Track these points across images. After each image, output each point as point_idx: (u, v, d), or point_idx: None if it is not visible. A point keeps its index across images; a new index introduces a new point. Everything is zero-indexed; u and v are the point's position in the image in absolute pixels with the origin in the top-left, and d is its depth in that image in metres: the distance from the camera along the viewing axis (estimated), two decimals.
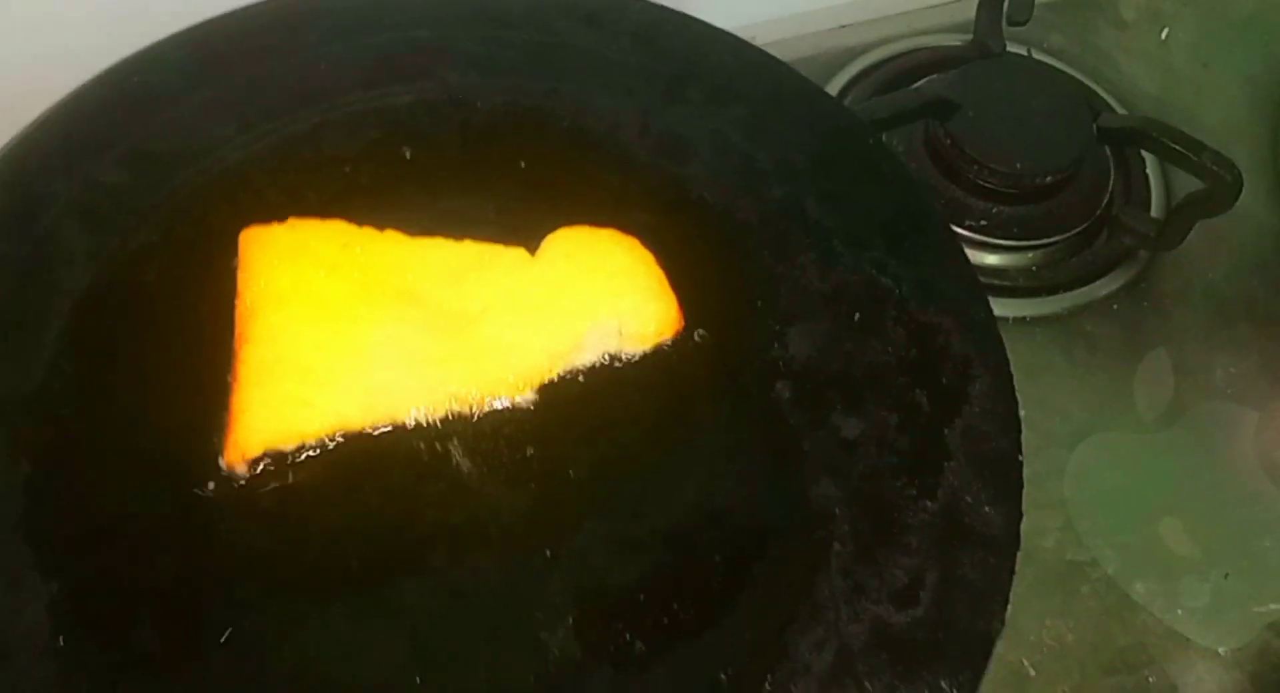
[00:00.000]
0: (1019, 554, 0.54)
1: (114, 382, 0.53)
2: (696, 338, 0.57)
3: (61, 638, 0.46)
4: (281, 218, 0.57)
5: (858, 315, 0.57)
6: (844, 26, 0.84)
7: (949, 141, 0.72)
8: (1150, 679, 0.59)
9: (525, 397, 0.54)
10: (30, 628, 0.46)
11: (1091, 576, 0.62)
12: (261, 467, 0.51)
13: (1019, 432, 0.53)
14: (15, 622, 0.46)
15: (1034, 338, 0.71)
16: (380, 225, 0.58)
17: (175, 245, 0.57)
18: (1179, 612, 0.61)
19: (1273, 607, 0.61)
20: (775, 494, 0.52)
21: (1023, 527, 0.61)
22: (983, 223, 0.73)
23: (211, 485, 0.51)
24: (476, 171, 0.61)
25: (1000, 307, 0.71)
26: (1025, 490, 0.63)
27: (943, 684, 0.47)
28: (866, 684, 0.47)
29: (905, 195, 0.60)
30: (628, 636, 0.49)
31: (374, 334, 0.55)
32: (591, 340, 0.56)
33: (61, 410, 0.52)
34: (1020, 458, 0.52)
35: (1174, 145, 0.69)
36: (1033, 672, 0.59)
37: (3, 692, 0.45)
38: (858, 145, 0.62)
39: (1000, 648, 0.59)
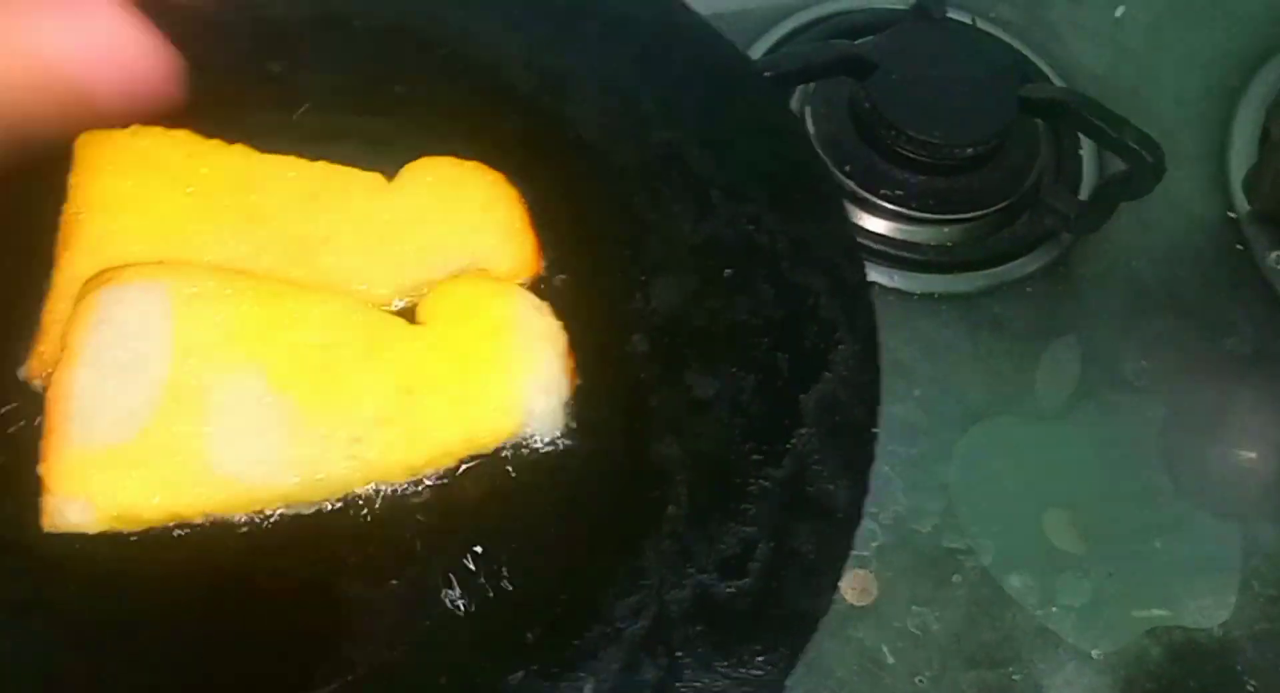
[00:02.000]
0: (891, 527, 0.52)
1: None
2: (556, 282, 0.53)
3: None
4: (124, 124, 0.54)
5: (728, 271, 0.53)
6: None
7: (869, 105, 0.68)
8: (1015, 677, 0.56)
9: None
10: None
11: (966, 565, 0.59)
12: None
13: (877, 403, 0.50)
14: None
15: (939, 316, 0.67)
16: (231, 140, 0.54)
17: (7, 145, 0.53)
18: (1054, 609, 0.58)
19: (1155, 612, 0.58)
20: (615, 449, 0.49)
21: (900, 505, 0.58)
22: (899, 193, 0.69)
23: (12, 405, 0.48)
24: (345, 93, 0.57)
25: (908, 281, 0.68)
26: (907, 472, 0.61)
27: (758, 661, 0.44)
28: (679, 654, 0.44)
29: (792, 150, 0.57)
30: (444, 587, 0.46)
31: (210, 253, 0.51)
32: (440, 276, 0.52)
33: None
34: (875, 431, 0.49)
35: (1095, 120, 0.65)
36: (891, 659, 0.56)
37: None
38: (751, 96, 0.58)
39: (860, 631, 0.57)
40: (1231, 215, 0.72)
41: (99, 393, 0.46)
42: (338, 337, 0.49)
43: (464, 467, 0.48)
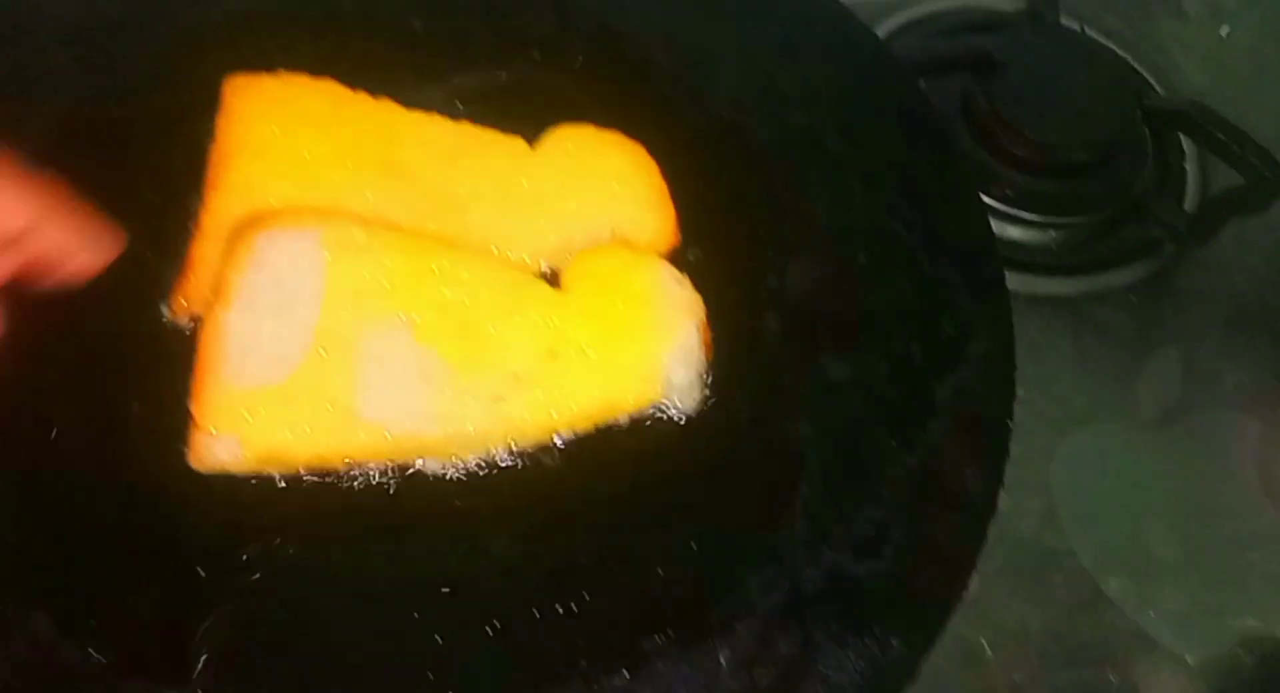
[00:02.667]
0: (992, 524, 0.52)
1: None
2: (690, 257, 0.53)
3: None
4: (273, 70, 0.54)
5: (862, 258, 0.53)
6: None
7: (986, 103, 0.68)
8: (1112, 678, 0.56)
9: None
10: None
11: (1066, 565, 0.59)
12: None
13: (1012, 399, 0.50)
14: None
15: (1042, 317, 0.67)
16: (376, 93, 0.54)
17: (164, 82, 0.54)
18: (1151, 614, 0.58)
19: (1249, 622, 0.58)
20: (749, 427, 0.49)
21: (1001, 503, 0.59)
22: (1008, 193, 0.69)
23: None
24: (488, 58, 0.58)
25: (1013, 281, 0.68)
26: (1009, 471, 0.61)
27: (894, 642, 0.44)
28: (814, 631, 0.44)
29: (931, 143, 0.57)
30: (577, 554, 0.46)
31: (351, 202, 0.52)
32: (579, 243, 0.53)
33: None
34: (1009, 425, 0.49)
35: (1217, 133, 0.65)
36: (990, 653, 0.56)
37: None
38: (890, 85, 0.58)
39: (960, 625, 0.57)
40: None
41: (252, 334, 0.46)
42: (484, 295, 0.49)
43: (600, 433, 0.49)
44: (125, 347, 0.48)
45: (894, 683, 0.44)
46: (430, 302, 0.48)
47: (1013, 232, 0.70)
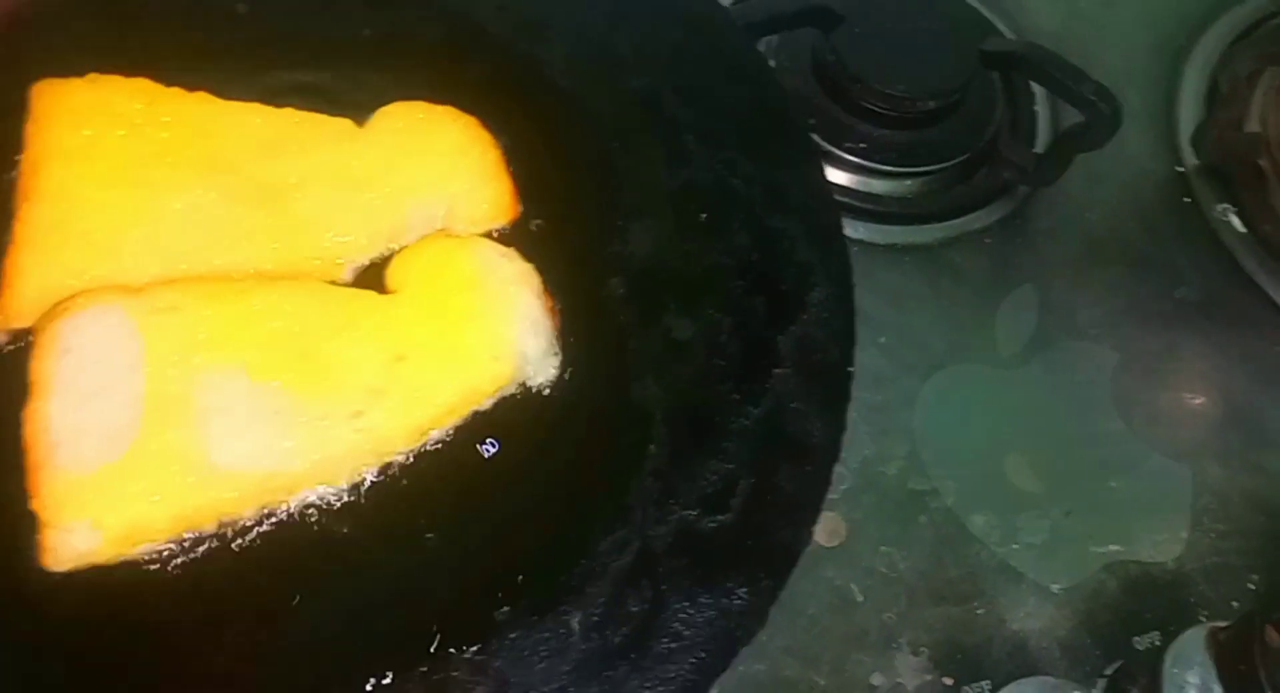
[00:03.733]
0: (859, 472, 0.53)
1: None
2: (533, 227, 0.53)
3: None
4: (82, 71, 0.52)
5: (704, 215, 0.54)
6: None
7: (833, 57, 0.69)
8: (979, 611, 0.58)
9: None
10: None
11: (931, 505, 0.60)
12: None
13: (852, 343, 0.51)
14: None
15: (901, 266, 0.68)
16: (192, 86, 0.53)
17: None
18: (1015, 547, 0.60)
19: (1111, 548, 0.60)
20: (596, 391, 0.50)
21: (866, 450, 0.60)
22: (862, 146, 0.70)
23: None
24: (312, 36, 0.57)
25: (871, 232, 0.69)
26: (873, 418, 0.62)
27: (741, 592, 0.45)
28: (664, 587, 0.45)
29: (766, 97, 0.57)
30: (425, 531, 0.46)
31: (173, 202, 0.50)
32: (417, 221, 0.52)
33: None
34: (850, 370, 0.50)
35: (1055, 73, 0.66)
36: (861, 597, 0.57)
37: None
38: (724, 43, 0.59)
39: (830, 571, 0.58)
40: (1179, 169, 0.74)
41: (78, 419, 0.44)
42: (314, 319, 0.48)
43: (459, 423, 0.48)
44: None
45: (742, 631, 0.44)
46: (260, 339, 0.47)
47: (870, 183, 0.71)
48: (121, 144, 0.51)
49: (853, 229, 0.68)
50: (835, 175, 0.70)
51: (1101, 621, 0.58)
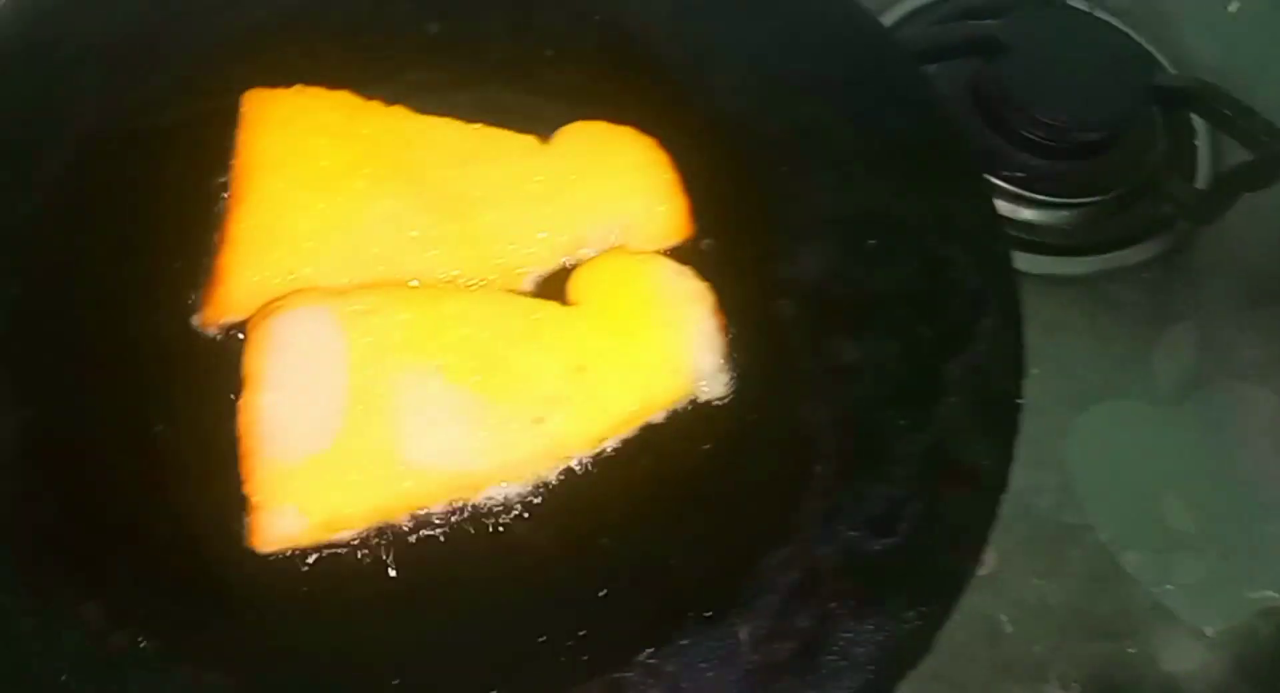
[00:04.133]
0: (1009, 501, 0.53)
1: (109, 222, 0.52)
2: (703, 247, 0.55)
3: (25, 463, 0.46)
4: (289, 83, 0.56)
5: (872, 241, 0.55)
6: None
7: (995, 86, 0.69)
8: (1130, 650, 0.57)
9: None
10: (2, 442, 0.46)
11: (1084, 540, 0.60)
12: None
13: (1022, 375, 0.51)
14: None
15: (1058, 297, 0.68)
16: (390, 100, 0.56)
17: (185, 96, 0.56)
18: (1169, 587, 0.59)
19: (1267, 593, 0.59)
20: (764, 411, 0.51)
21: (1018, 480, 0.59)
22: (1020, 175, 0.70)
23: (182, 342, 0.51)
24: (499, 56, 0.59)
25: (1027, 262, 0.69)
26: (1026, 448, 0.62)
27: (909, 615, 0.45)
28: (832, 605, 0.46)
29: (934, 126, 0.58)
30: (599, 536, 0.48)
31: (371, 209, 0.53)
32: (595, 236, 0.54)
33: (56, 240, 0.51)
34: (1020, 401, 0.50)
35: (1225, 111, 0.66)
36: (1010, 628, 0.57)
37: None
38: (892, 71, 0.59)
39: (980, 600, 0.58)
40: None
41: (288, 411, 0.47)
42: (500, 327, 0.50)
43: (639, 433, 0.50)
44: (159, 360, 0.50)
45: (910, 655, 0.45)
46: (451, 346, 0.49)
47: (1026, 213, 0.71)
48: (324, 153, 0.54)
49: None
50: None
51: (1255, 666, 0.57)
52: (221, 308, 0.51)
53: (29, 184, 0.52)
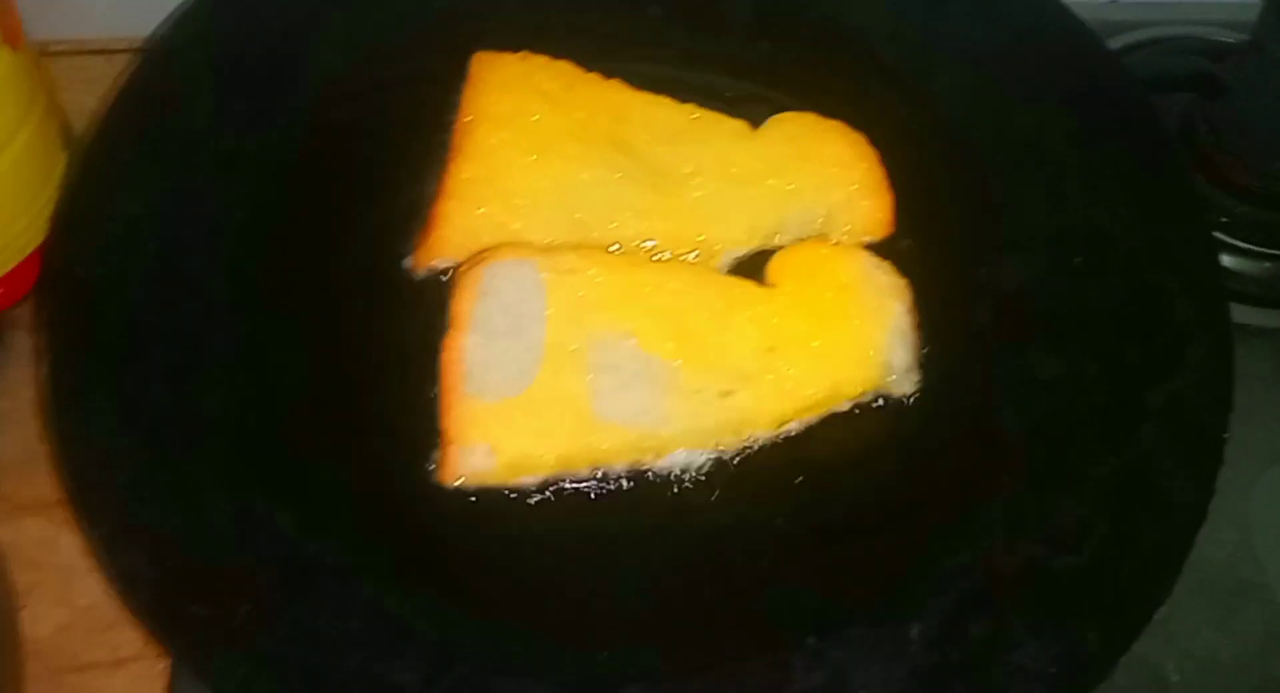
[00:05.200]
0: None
1: (338, 159, 0.55)
2: (903, 246, 0.55)
3: (238, 373, 0.48)
4: (516, 48, 0.57)
5: (1079, 259, 0.53)
6: (1115, 1, 0.80)
7: (1208, 127, 0.67)
8: None
9: None
10: (214, 357, 0.49)
11: (1260, 598, 0.57)
12: None
13: (1229, 409, 0.49)
14: (202, 346, 0.49)
15: (1252, 348, 0.65)
16: (609, 74, 0.57)
17: (421, 51, 0.58)
18: None
19: None
20: (953, 413, 0.50)
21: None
22: (1223, 220, 0.68)
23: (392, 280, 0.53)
24: (717, 43, 0.60)
25: None
26: (1211, 499, 0.59)
27: (1091, 637, 0.44)
28: (1008, 617, 0.44)
29: (1155, 150, 0.56)
30: (775, 515, 0.48)
31: (581, 174, 0.55)
32: (795, 224, 0.54)
33: (286, 172, 0.54)
34: (1225, 436, 0.48)
35: None
36: (1175, 677, 0.54)
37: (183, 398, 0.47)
38: (1115, 92, 0.58)
39: (1146, 647, 0.56)
40: None
41: (488, 355, 0.49)
42: (696, 301, 0.51)
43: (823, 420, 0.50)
44: (368, 294, 0.52)
45: (1089, 678, 0.43)
46: (646, 312, 0.50)
47: (1226, 259, 0.68)
48: (543, 117, 0.56)
49: None
50: None
51: None
52: (433, 252, 0.53)
53: (269, 117, 0.55)
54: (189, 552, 0.44)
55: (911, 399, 0.50)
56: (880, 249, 0.54)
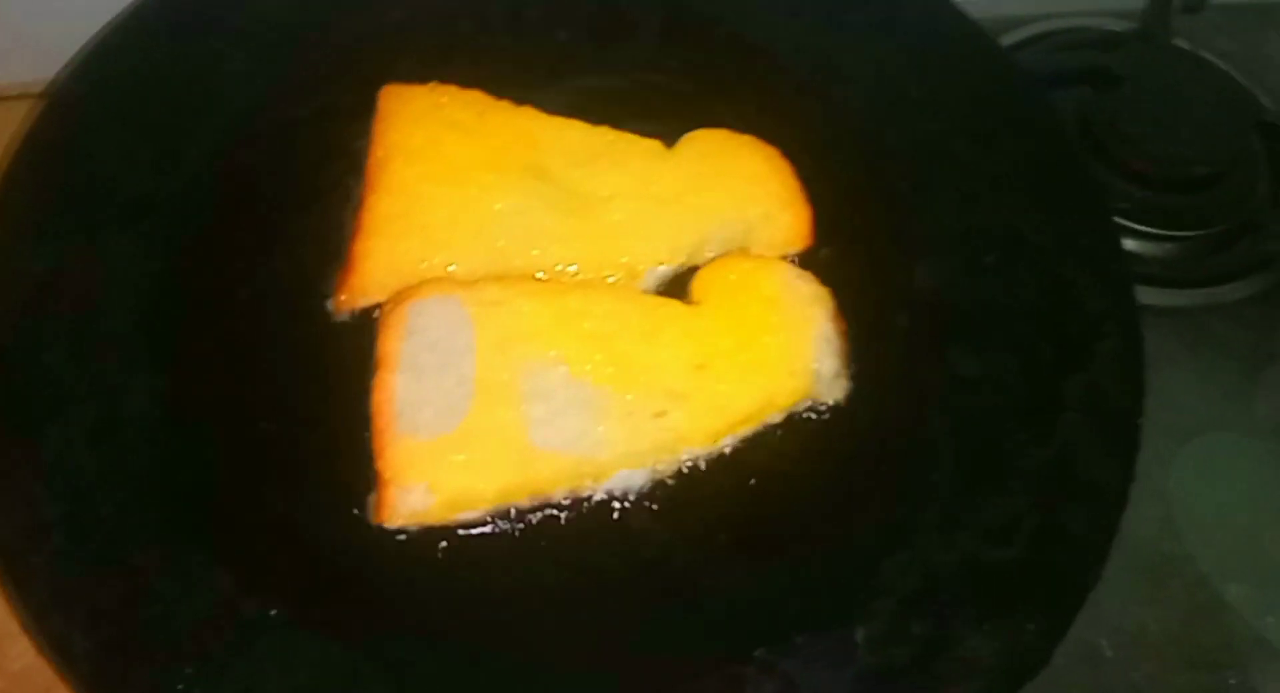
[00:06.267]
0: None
1: (249, 204, 0.54)
2: (823, 255, 0.56)
3: (164, 431, 0.47)
4: (424, 80, 0.57)
5: (990, 257, 0.55)
6: None
7: (1103, 117, 0.69)
8: (1231, 682, 0.56)
9: None
10: (138, 416, 0.47)
11: (1185, 571, 0.59)
12: None
13: (1142, 394, 0.51)
14: (125, 406, 0.48)
15: (1159, 329, 0.67)
16: (520, 101, 0.58)
17: (325, 89, 0.58)
18: (1270, 620, 0.58)
19: None
20: (882, 417, 0.51)
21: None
22: (1124, 206, 0.70)
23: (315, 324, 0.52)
24: (625, 64, 0.61)
25: None
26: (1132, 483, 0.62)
27: (1029, 626, 0.45)
28: (948, 613, 0.46)
29: (1057, 148, 0.58)
30: (718, 531, 0.48)
31: (500, 203, 0.55)
32: (717, 240, 0.55)
33: (199, 219, 0.53)
34: (1140, 421, 0.50)
35: None
36: (1110, 653, 0.57)
37: (108, 459, 0.46)
38: (1016, 93, 0.60)
39: (1080, 626, 0.58)
40: None
41: (419, 393, 0.49)
42: (623, 323, 0.51)
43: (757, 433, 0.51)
44: (292, 340, 0.52)
45: (1028, 665, 0.45)
46: (575, 338, 0.50)
47: (1130, 244, 0.71)
48: (456, 147, 0.56)
49: None
50: None
51: None
52: (355, 292, 0.52)
53: (176, 164, 0.54)
54: (126, 617, 0.43)
55: (842, 405, 0.51)
56: (801, 260, 0.55)
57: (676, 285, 0.54)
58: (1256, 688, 0.56)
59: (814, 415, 0.51)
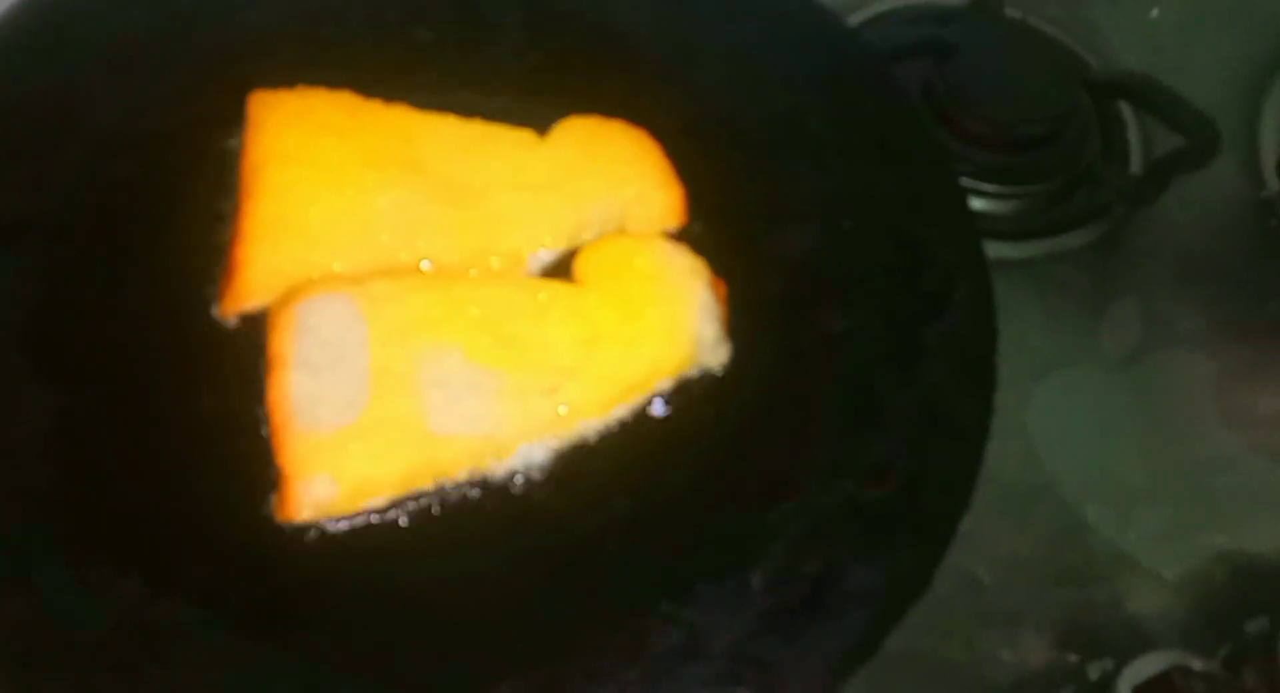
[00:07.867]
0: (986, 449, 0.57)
1: (124, 218, 0.54)
2: (695, 230, 0.58)
3: (59, 446, 0.47)
4: (292, 84, 0.58)
5: (848, 223, 0.59)
6: None
7: (945, 87, 0.74)
8: (1098, 595, 0.62)
9: None
10: (30, 433, 0.47)
11: (1048, 497, 0.65)
12: None
13: (995, 335, 0.55)
14: (16, 424, 0.47)
15: (1009, 279, 0.72)
16: (390, 100, 0.59)
17: (192, 98, 0.58)
18: (1130, 536, 0.64)
19: (1219, 539, 0.64)
20: (764, 377, 0.54)
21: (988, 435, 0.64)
22: (969, 168, 0.75)
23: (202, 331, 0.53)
24: (488, 59, 0.62)
25: None
26: (991, 418, 0.67)
27: (907, 554, 0.49)
28: (834, 552, 0.49)
29: (904, 117, 0.62)
30: (615, 497, 0.51)
31: (379, 200, 0.56)
32: (594, 223, 0.57)
33: (73, 237, 0.53)
34: (995, 360, 0.55)
35: (1158, 100, 0.72)
36: (987, 580, 0.61)
37: (3, 479, 0.46)
38: (861, 67, 0.64)
39: (959, 557, 0.62)
40: (1265, 196, 0.79)
41: (315, 388, 0.50)
42: (511, 307, 0.53)
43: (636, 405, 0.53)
44: (181, 349, 0.52)
45: (910, 591, 0.48)
46: (466, 325, 0.52)
47: (976, 203, 0.76)
48: (330, 148, 0.56)
49: None
50: None
51: (1213, 606, 0.62)
52: (240, 297, 0.53)
53: (46, 182, 0.54)
54: (35, 629, 0.43)
55: (726, 369, 0.54)
56: (676, 235, 0.58)
57: (560, 268, 0.56)
58: (1120, 599, 0.62)
59: (701, 380, 0.54)
